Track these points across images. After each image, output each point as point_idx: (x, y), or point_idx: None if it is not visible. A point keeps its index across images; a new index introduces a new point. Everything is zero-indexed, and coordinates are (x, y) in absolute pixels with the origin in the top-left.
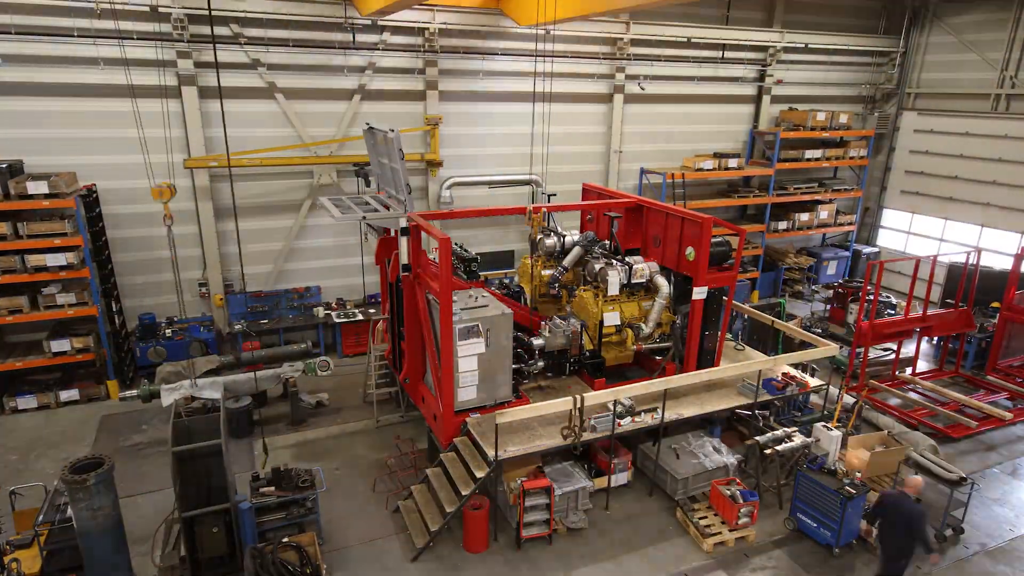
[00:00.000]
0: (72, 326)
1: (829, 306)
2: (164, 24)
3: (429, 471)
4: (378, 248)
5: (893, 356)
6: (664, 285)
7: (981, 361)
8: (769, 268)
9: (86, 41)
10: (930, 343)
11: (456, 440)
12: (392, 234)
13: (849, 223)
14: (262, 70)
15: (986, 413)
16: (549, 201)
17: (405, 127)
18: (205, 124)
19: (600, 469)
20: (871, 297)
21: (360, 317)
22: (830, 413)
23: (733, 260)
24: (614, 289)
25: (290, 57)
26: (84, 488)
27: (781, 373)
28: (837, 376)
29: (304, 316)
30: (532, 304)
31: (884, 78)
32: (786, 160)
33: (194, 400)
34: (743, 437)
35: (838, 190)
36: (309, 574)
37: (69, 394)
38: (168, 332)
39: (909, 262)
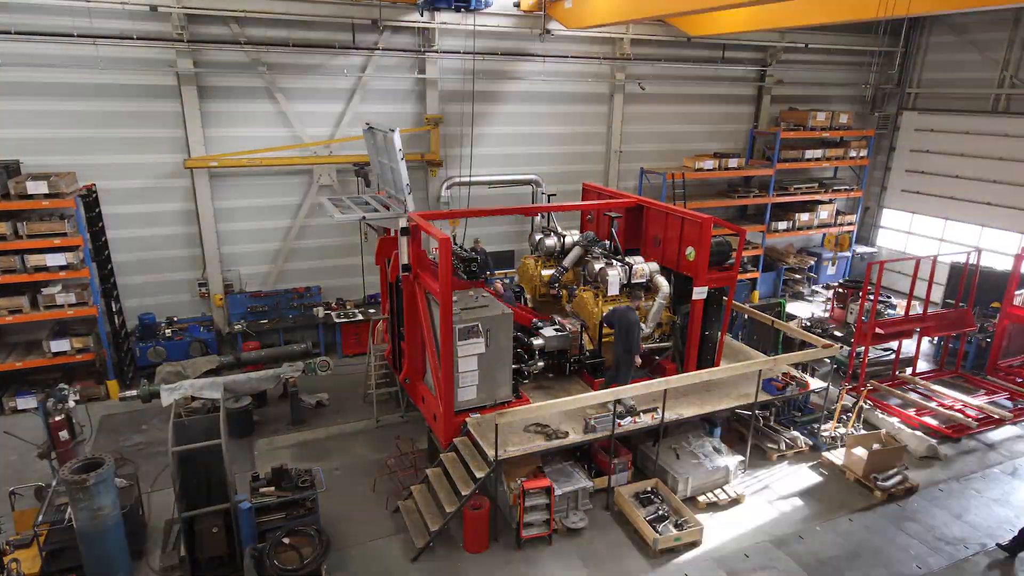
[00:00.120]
0: (72, 326)
1: (829, 306)
2: (164, 24)
3: (429, 471)
4: (378, 248)
5: (893, 356)
6: (664, 285)
7: (981, 361)
8: (769, 268)
9: (86, 41)
10: (931, 343)
11: (456, 440)
12: (392, 234)
13: (849, 223)
14: (262, 70)
15: (986, 413)
16: (549, 201)
17: (405, 127)
18: (205, 124)
19: (600, 469)
20: (871, 297)
21: (360, 317)
22: (830, 413)
23: (733, 260)
24: (614, 289)
25: (290, 57)
26: (84, 488)
27: (781, 373)
28: (837, 376)
29: (304, 316)
30: (532, 304)
31: (884, 78)
32: (786, 160)
33: (194, 400)
34: (743, 437)
35: (838, 190)
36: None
37: None
38: (168, 332)
39: (910, 262)
